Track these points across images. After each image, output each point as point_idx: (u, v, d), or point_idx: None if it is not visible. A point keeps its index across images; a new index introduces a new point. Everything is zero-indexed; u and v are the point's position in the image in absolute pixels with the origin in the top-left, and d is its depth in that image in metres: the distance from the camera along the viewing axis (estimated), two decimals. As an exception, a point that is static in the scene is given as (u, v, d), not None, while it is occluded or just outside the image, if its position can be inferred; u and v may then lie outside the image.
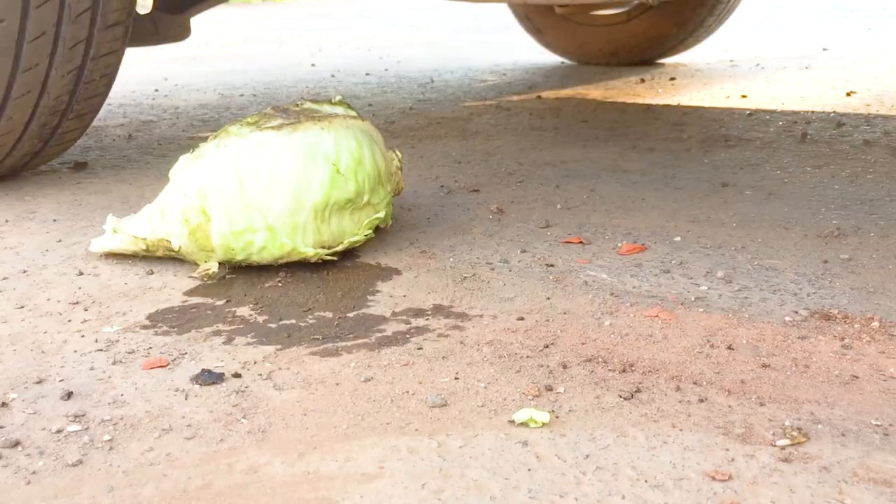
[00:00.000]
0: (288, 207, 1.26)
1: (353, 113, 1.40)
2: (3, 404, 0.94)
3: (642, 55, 3.77)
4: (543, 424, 0.87)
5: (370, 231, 1.37)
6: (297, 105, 1.40)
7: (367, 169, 1.33)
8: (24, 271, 1.37)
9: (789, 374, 0.97)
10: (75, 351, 1.08)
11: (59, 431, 0.88)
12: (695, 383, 0.95)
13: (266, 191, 1.25)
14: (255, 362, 1.03)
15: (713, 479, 0.77)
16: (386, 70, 3.97)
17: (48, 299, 1.25)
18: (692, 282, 1.25)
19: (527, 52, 4.38)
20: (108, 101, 3.07)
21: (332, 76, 3.79)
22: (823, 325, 1.09)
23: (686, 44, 3.73)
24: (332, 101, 1.43)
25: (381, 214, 1.38)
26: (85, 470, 0.82)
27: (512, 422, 0.88)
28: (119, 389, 0.97)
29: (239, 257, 1.29)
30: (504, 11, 4.57)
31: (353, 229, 1.34)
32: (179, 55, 4.71)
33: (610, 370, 0.99)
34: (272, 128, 1.30)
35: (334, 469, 0.81)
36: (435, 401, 0.93)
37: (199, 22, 6.98)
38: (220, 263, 1.32)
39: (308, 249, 1.28)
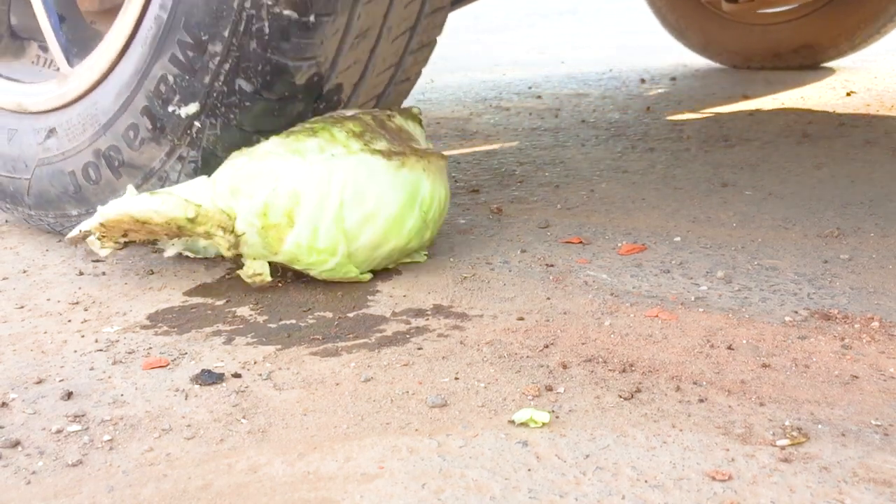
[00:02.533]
0: (373, 243, 1.23)
1: (431, 146, 1.37)
2: (3, 404, 0.94)
3: (809, 58, 3.44)
4: (543, 424, 0.87)
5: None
6: (389, 116, 1.35)
7: (442, 218, 1.33)
8: (24, 271, 1.37)
9: (789, 374, 0.97)
10: (75, 351, 1.08)
11: (59, 431, 0.88)
12: (695, 383, 0.95)
13: (362, 223, 1.21)
14: (255, 362, 1.03)
15: (713, 479, 0.77)
16: (386, 70, 3.96)
17: (48, 299, 1.25)
18: (692, 282, 1.25)
19: (527, 53, 4.39)
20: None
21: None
22: (823, 325, 1.09)
23: (855, 47, 3.37)
24: (412, 110, 1.41)
25: (422, 259, 1.38)
26: (85, 470, 0.82)
27: (512, 422, 0.88)
28: (119, 389, 0.97)
29: (297, 267, 1.25)
30: (504, 12, 4.53)
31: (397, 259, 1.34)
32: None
33: (610, 370, 0.99)
34: (381, 153, 1.23)
35: (334, 469, 0.81)
36: (435, 401, 0.93)
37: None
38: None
39: (364, 276, 1.27)
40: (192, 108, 1.30)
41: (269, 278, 1.24)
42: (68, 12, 1.48)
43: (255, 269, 1.24)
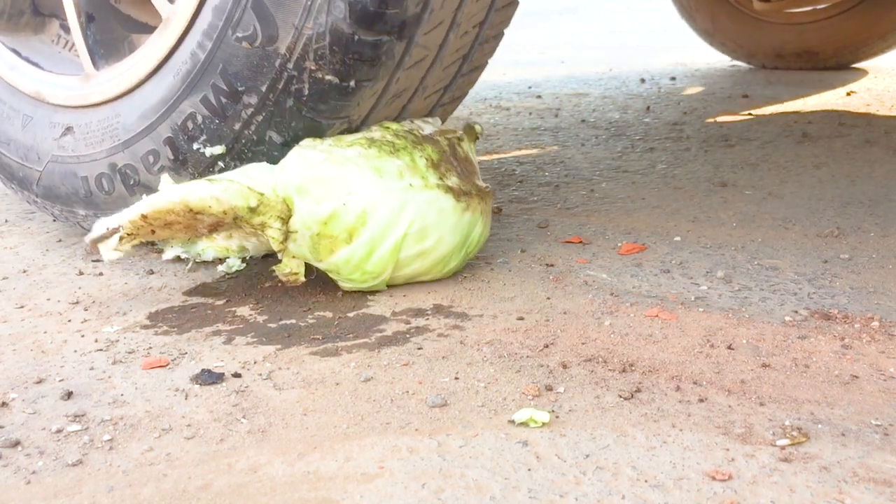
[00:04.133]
0: (414, 274, 1.24)
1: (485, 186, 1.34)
2: (3, 404, 0.94)
3: (845, 58, 3.38)
4: (543, 424, 0.87)
5: None
6: (459, 140, 1.33)
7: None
8: (24, 271, 1.37)
9: (789, 374, 0.97)
10: (75, 351, 1.08)
11: (59, 431, 0.88)
12: (695, 383, 0.95)
13: (415, 257, 1.21)
14: (255, 362, 1.03)
15: (713, 478, 0.77)
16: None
17: (48, 299, 1.25)
18: (692, 282, 1.25)
19: (526, 53, 4.39)
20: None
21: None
22: (823, 325, 1.09)
23: (888, 46, 3.31)
24: (476, 128, 1.39)
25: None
26: (85, 470, 0.82)
27: (512, 422, 0.88)
28: (119, 389, 0.97)
29: (333, 276, 1.23)
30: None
31: None
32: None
33: (610, 370, 0.99)
34: (452, 192, 1.21)
35: (334, 469, 0.81)
36: (435, 401, 0.93)
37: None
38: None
39: (381, 286, 1.26)
40: (218, 149, 1.29)
41: (302, 279, 1.21)
42: (99, 12, 1.45)
43: (293, 269, 1.21)
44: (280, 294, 1.26)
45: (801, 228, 1.48)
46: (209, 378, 0.98)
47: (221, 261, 1.38)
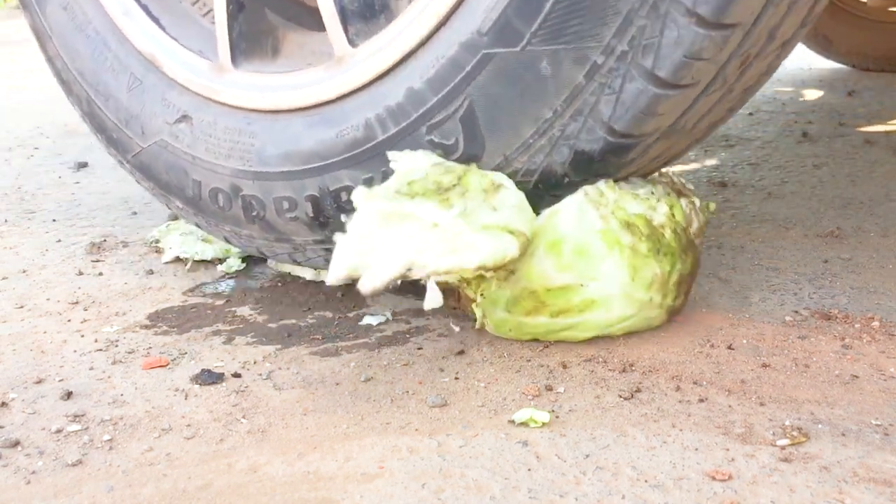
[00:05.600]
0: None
1: None
2: (3, 404, 0.94)
3: None
4: (543, 424, 0.87)
5: None
6: (706, 208, 1.16)
7: None
8: (24, 271, 1.37)
9: (789, 374, 0.97)
10: (75, 351, 1.08)
11: (58, 431, 0.88)
12: (695, 383, 0.95)
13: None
14: (255, 362, 1.03)
15: (713, 478, 0.77)
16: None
17: (48, 299, 1.25)
18: (692, 282, 1.25)
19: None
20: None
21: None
22: (823, 325, 1.09)
23: None
24: (710, 206, 1.18)
25: None
26: (85, 470, 0.81)
27: (512, 422, 0.88)
28: (119, 389, 0.97)
29: (490, 318, 1.06)
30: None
31: None
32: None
33: (610, 370, 0.99)
34: (667, 311, 1.08)
35: (334, 469, 0.81)
36: (435, 401, 0.93)
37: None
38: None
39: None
40: None
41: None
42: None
43: (487, 324, 1.07)
44: (280, 294, 1.26)
45: (801, 228, 1.48)
46: (209, 378, 0.98)
47: (221, 261, 1.38)
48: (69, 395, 0.95)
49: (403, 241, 0.89)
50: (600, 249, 1.00)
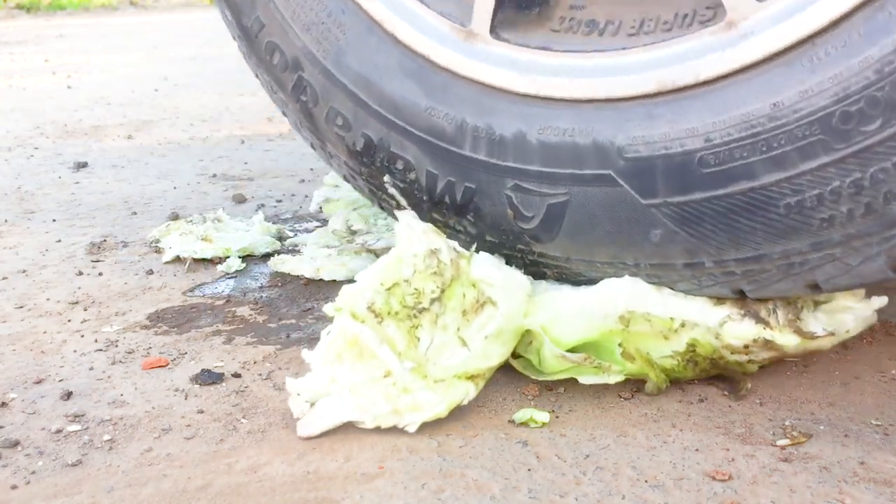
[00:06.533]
0: None
1: None
2: (3, 404, 0.94)
3: None
4: (543, 424, 0.87)
5: None
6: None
7: None
8: (24, 271, 1.37)
9: (789, 374, 0.97)
10: (75, 351, 1.08)
11: (58, 431, 0.88)
12: (695, 383, 0.95)
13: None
14: (255, 362, 1.03)
15: (713, 478, 0.77)
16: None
17: (48, 299, 1.25)
18: (692, 282, 1.25)
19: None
20: (107, 100, 3.07)
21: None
22: (823, 325, 1.09)
23: None
24: None
25: None
26: (85, 470, 0.81)
27: (512, 422, 0.88)
28: (119, 389, 0.97)
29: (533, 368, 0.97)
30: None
31: None
32: (177, 55, 4.71)
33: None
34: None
35: (334, 469, 0.81)
36: (435, 401, 0.92)
37: (200, 22, 6.97)
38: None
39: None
40: None
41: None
42: None
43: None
44: (280, 294, 1.26)
45: (800, 228, 1.48)
46: (209, 378, 0.98)
47: (221, 260, 1.38)
48: (69, 395, 0.95)
49: (351, 391, 0.87)
50: None
